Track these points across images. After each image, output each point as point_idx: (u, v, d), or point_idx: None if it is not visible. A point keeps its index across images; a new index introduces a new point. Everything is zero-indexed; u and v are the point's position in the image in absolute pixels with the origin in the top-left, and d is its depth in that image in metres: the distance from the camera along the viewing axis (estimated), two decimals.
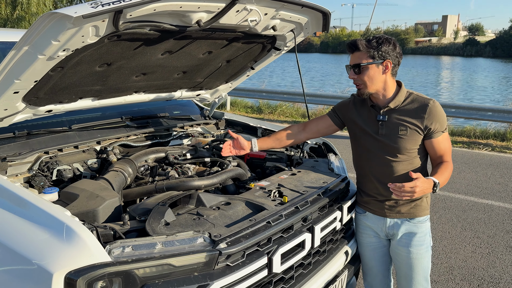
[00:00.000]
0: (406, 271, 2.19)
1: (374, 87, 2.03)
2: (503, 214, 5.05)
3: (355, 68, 2.02)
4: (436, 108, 2.02)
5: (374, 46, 1.99)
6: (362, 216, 2.30)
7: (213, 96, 3.17)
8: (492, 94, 21.45)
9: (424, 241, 2.17)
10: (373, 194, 2.18)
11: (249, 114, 12.53)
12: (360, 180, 2.28)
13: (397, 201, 2.11)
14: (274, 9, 2.10)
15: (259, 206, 1.92)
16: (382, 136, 2.07)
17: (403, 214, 2.14)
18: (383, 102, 2.09)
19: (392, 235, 2.20)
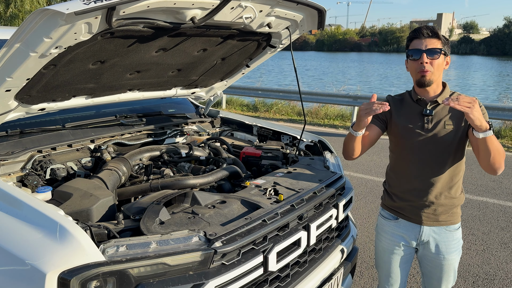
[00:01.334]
0: (439, 275, 2.16)
1: (436, 77, 1.99)
2: (498, 211, 5.08)
3: (432, 53, 1.94)
4: (479, 104, 1.95)
5: (445, 39, 2.00)
6: (392, 222, 2.19)
7: (208, 94, 3.15)
8: (487, 91, 21.54)
9: (458, 246, 2.15)
10: (412, 199, 2.10)
11: (245, 112, 12.51)
12: (397, 184, 2.16)
13: (436, 208, 2.06)
14: (269, 6, 2.08)
15: (254, 204, 1.90)
16: (428, 131, 2.01)
17: (440, 222, 2.09)
18: (431, 97, 2.05)
19: (425, 243, 2.14)
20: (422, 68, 1.95)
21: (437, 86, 2.03)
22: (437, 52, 1.94)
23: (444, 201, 2.06)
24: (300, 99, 2.56)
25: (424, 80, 1.97)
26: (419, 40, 1.97)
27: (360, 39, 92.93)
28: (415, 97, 2.08)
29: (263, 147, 2.79)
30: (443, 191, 2.06)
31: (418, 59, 1.95)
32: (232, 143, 3.03)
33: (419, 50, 1.95)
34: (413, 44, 1.99)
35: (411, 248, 2.20)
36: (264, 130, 3.15)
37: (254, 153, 2.67)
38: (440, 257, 2.12)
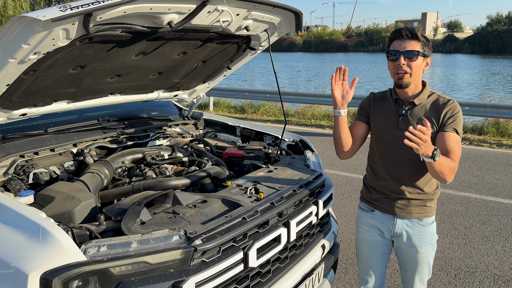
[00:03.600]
0: (413, 267, 2.23)
1: (415, 78, 2.05)
2: (480, 206, 5.20)
3: (410, 55, 1.99)
4: (455, 107, 2.06)
5: (426, 40, 2.04)
6: (369, 214, 2.27)
7: (191, 96, 3.19)
8: (471, 89, 21.88)
9: (432, 240, 2.21)
10: (385, 191, 2.18)
11: (232, 114, 12.55)
12: (372, 177, 2.25)
13: (409, 200, 2.13)
14: (245, 10, 2.14)
15: (235, 203, 1.95)
16: (401, 131, 2.05)
17: (413, 215, 2.15)
18: (409, 98, 2.11)
19: (398, 235, 2.21)
20: (399, 69, 2.01)
21: (415, 86, 2.10)
22: (415, 54, 2.00)
23: (417, 195, 2.14)
24: (280, 100, 2.62)
25: (401, 82, 2.04)
26: (399, 41, 2.02)
27: (347, 40, 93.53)
28: (394, 96, 2.15)
29: (246, 148, 2.84)
30: (416, 187, 2.13)
31: (396, 60, 2.02)
32: (215, 144, 3.08)
33: (397, 52, 2.01)
34: (393, 45, 2.05)
35: (387, 240, 2.27)
36: (247, 131, 3.20)
37: (237, 154, 2.72)
38: (413, 250, 2.18)
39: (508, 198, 5.46)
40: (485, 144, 8.58)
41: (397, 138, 2.07)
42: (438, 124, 2.06)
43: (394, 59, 2.03)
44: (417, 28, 2.08)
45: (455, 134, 2.04)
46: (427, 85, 2.16)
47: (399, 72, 2.02)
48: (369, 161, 2.29)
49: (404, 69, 2.00)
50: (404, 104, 2.11)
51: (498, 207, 5.16)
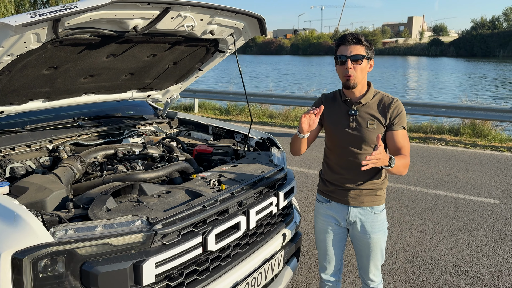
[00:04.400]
0: (367, 253, 2.44)
1: (360, 80, 2.26)
2: (449, 203, 5.44)
3: (355, 59, 2.18)
4: (399, 105, 2.30)
5: (369, 44, 2.24)
6: (325, 205, 2.45)
7: (165, 96, 3.36)
8: (455, 92, 22.33)
9: (383, 227, 2.43)
10: (339, 184, 2.37)
11: (218, 115, 12.72)
12: (328, 171, 2.42)
13: (361, 190, 2.34)
14: (209, 16, 2.31)
15: (197, 193, 2.12)
16: (353, 129, 2.27)
17: (365, 203, 2.36)
18: (356, 98, 2.32)
19: (353, 223, 2.41)
20: (346, 72, 2.21)
21: (362, 87, 2.30)
22: (360, 58, 2.20)
23: (368, 186, 2.34)
24: (246, 100, 2.79)
25: (349, 83, 2.24)
26: (345, 46, 2.22)
27: (334, 43, 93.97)
28: (343, 97, 2.35)
29: (215, 145, 3.02)
30: (366, 178, 2.33)
31: (344, 64, 2.22)
32: (188, 142, 3.24)
33: (344, 56, 2.21)
34: (340, 50, 2.25)
35: (342, 228, 2.47)
36: (218, 129, 3.37)
37: (206, 150, 2.89)
38: (367, 236, 2.38)
39: (476, 195, 5.71)
40: (461, 144, 8.87)
41: (349, 136, 2.29)
42: (386, 123, 2.27)
43: (341, 63, 2.22)
44: (361, 34, 2.29)
45: (403, 130, 2.28)
46: (372, 85, 2.37)
47: (346, 75, 2.22)
48: (325, 157, 2.49)
49: (350, 72, 2.21)
50: (352, 104, 2.31)
51: (467, 203, 5.41)
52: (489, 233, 4.52)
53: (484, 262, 3.90)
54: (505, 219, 4.88)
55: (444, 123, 10.26)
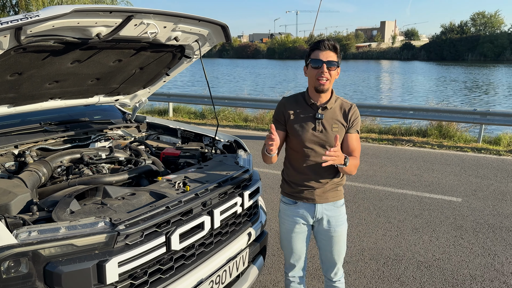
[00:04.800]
0: (333, 247, 2.57)
1: (331, 85, 2.39)
2: (414, 201, 5.65)
3: (331, 65, 2.29)
4: (357, 111, 2.47)
5: (339, 53, 2.36)
6: (292, 206, 2.54)
7: (133, 101, 3.40)
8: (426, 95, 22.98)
9: (344, 219, 2.58)
10: (306, 184, 2.47)
11: (192, 119, 12.73)
12: (294, 174, 2.49)
13: (325, 187, 2.47)
14: (172, 23, 2.39)
15: (161, 194, 2.19)
16: (319, 132, 2.38)
17: (329, 199, 2.50)
18: (322, 102, 2.43)
19: (319, 219, 2.53)
20: (321, 76, 2.31)
21: (328, 92, 2.43)
22: (335, 64, 2.32)
23: (331, 183, 2.48)
24: (212, 104, 2.88)
25: (322, 87, 2.35)
26: (321, 51, 2.32)
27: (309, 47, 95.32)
28: (308, 101, 2.45)
29: (183, 148, 3.08)
30: (330, 176, 2.47)
31: (319, 68, 2.31)
32: (156, 145, 3.30)
33: (320, 61, 2.30)
34: (315, 54, 2.34)
35: (309, 226, 2.58)
36: (187, 133, 3.44)
37: (173, 153, 2.96)
38: (331, 230, 2.52)
39: (440, 194, 5.96)
40: (428, 145, 9.19)
41: (315, 138, 2.41)
42: (347, 126, 2.43)
43: (316, 67, 2.32)
44: (314, 41, 2.41)
45: (357, 134, 2.47)
46: (334, 91, 2.49)
47: (321, 79, 2.32)
48: (288, 159, 2.58)
49: (326, 76, 2.31)
50: (318, 108, 2.42)
51: (431, 202, 5.63)
52: (450, 230, 4.73)
53: (445, 257, 4.10)
54: (466, 216, 5.12)
55: (413, 125, 10.60)
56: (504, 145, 9.14)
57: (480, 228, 4.77)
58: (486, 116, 9.09)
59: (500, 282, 3.62)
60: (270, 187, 6.10)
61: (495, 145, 9.18)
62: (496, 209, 5.36)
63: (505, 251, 4.21)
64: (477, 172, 7.05)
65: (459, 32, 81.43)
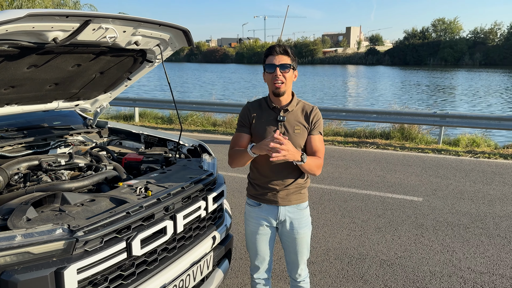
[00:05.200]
0: (295, 248, 2.61)
1: (288, 88, 2.43)
2: (377, 202, 5.82)
3: (284, 67, 2.34)
4: (319, 113, 2.52)
5: (294, 56, 2.41)
6: (257, 208, 2.57)
7: (94, 106, 3.35)
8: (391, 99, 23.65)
9: (308, 222, 2.62)
10: (270, 186, 2.51)
11: (159, 125, 12.59)
12: (258, 176, 2.53)
13: (288, 190, 2.51)
14: (132, 27, 2.38)
15: (122, 200, 2.17)
16: (281, 134, 2.39)
17: (292, 202, 2.53)
18: (283, 105, 2.47)
19: (282, 221, 2.56)
20: (276, 79, 2.37)
21: (288, 95, 2.49)
22: (288, 67, 2.38)
23: (294, 186, 2.52)
24: (175, 108, 2.87)
25: (278, 91, 2.41)
26: (273, 56, 2.39)
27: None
28: (270, 105, 2.50)
29: (146, 153, 3.06)
30: (293, 179, 2.51)
31: (273, 72, 2.38)
32: (119, 151, 3.26)
33: (273, 65, 2.37)
34: (268, 60, 2.41)
35: (273, 228, 2.62)
36: (150, 138, 3.42)
37: (135, 158, 2.93)
38: (295, 232, 2.56)
39: (402, 194, 6.16)
40: (390, 147, 9.47)
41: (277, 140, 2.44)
42: (309, 128, 2.48)
43: (270, 71, 2.39)
44: (287, 45, 2.48)
45: (320, 135, 2.51)
46: (295, 95, 2.55)
47: (276, 82, 2.38)
48: (254, 162, 2.60)
49: (280, 79, 2.37)
50: (280, 111, 2.47)
51: (393, 202, 5.81)
52: (412, 228, 4.90)
53: (407, 255, 4.24)
54: (427, 215, 5.31)
55: (376, 128, 10.91)
56: (462, 146, 9.55)
57: (440, 226, 4.97)
58: (445, 119, 9.47)
59: (457, 277, 3.78)
60: (238, 191, 6.13)
61: (454, 146, 9.58)
62: (455, 207, 5.59)
63: (463, 247, 4.40)
64: (437, 172, 7.33)
65: (421, 37, 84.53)
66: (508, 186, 6.51)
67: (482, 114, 10.01)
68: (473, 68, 65.60)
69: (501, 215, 5.30)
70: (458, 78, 44.58)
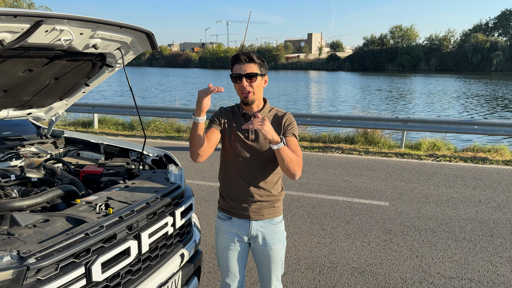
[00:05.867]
0: (268, 264, 2.46)
1: (257, 96, 2.31)
2: (345, 207, 5.80)
3: (250, 77, 2.23)
4: (291, 117, 2.42)
5: (261, 61, 2.30)
6: (227, 222, 2.42)
7: (49, 114, 3.09)
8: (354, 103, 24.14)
9: (282, 237, 2.48)
10: (241, 198, 2.36)
11: (120, 131, 12.15)
12: (228, 187, 2.41)
13: (261, 203, 2.36)
14: (90, 29, 2.18)
15: (79, 220, 1.96)
16: (252, 141, 2.31)
17: (265, 216, 2.39)
18: (254, 112, 2.35)
19: (254, 237, 2.41)
20: (243, 89, 2.26)
21: (259, 102, 2.37)
22: (254, 75, 2.26)
23: (267, 198, 2.39)
24: (138, 114, 2.68)
25: (247, 100, 2.30)
26: (239, 65, 2.27)
27: None
28: (241, 111, 2.39)
29: (106, 165, 2.84)
30: (265, 190, 2.38)
31: (239, 82, 2.26)
32: (76, 163, 3.01)
33: (239, 75, 2.25)
34: (235, 69, 2.29)
35: (244, 243, 2.47)
36: (111, 148, 3.19)
37: (95, 171, 2.71)
38: (268, 248, 2.42)
39: (369, 198, 6.18)
40: (355, 152, 9.57)
41: (248, 147, 2.33)
42: (282, 131, 2.36)
43: (237, 81, 2.27)
44: (253, 52, 2.36)
45: (294, 138, 2.38)
46: (268, 101, 2.45)
47: (244, 92, 2.27)
48: (223, 172, 2.47)
49: (248, 89, 2.26)
50: (251, 117, 2.35)
51: (361, 207, 5.81)
52: (380, 234, 4.89)
53: (377, 261, 4.21)
54: (394, 220, 5.34)
55: (341, 133, 11.01)
56: (424, 150, 9.79)
57: (408, 230, 5.00)
58: (407, 123, 9.68)
59: (428, 283, 3.78)
60: (205, 200, 5.93)
61: (416, 150, 9.80)
62: (421, 211, 5.66)
63: (431, 252, 4.43)
64: (401, 176, 7.44)
65: (380, 44, 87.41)
66: (470, 189, 6.69)
67: (442, 118, 10.34)
68: (429, 74, 68.48)
69: (465, 218, 5.41)
70: (415, 83, 46.28)
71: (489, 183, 7.05)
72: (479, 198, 6.24)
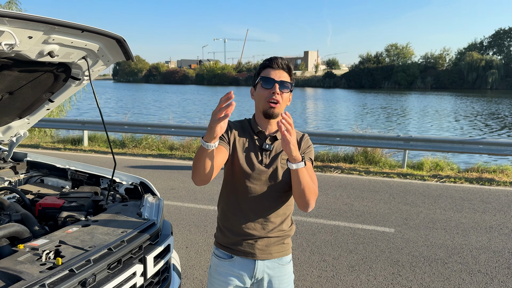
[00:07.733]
0: None
1: (281, 110, 1.90)
2: (348, 234, 5.33)
3: (285, 86, 1.88)
4: (309, 140, 2.06)
5: (293, 77, 1.97)
6: (227, 262, 1.99)
7: (7, 134, 2.64)
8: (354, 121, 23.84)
9: (290, 280, 2.06)
10: (246, 233, 1.94)
11: None
12: (230, 218, 1.98)
13: (269, 239, 1.95)
14: (41, 32, 1.75)
15: (14, 276, 1.50)
16: (266, 165, 1.92)
17: (273, 255, 1.97)
18: (271, 131, 1.96)
19: (259, 280, 1.98)
20: (272, 97, 1.86)
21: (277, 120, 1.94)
22: (288, 86, 1.90)
23: (277, 233, 1.97)
24: (105, 129, 2.24)
25: (272, 111, 1.88)
26: (274, 70, 1.90)
27: (238, 74, 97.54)
28: (255, 128, 1.96)
29: (70, 195, 2.38)
30: (276, 224, 1.96)
31: (270, 88, 1.86)
32: (37, 192, 2.55)
33: (272, 80, 1.87)
34: (266, 72, 1.90)
35: None
36: (79, 174, 2.73)
37: (54, 204, 2.24)
38: None
39: (373, 224, 5.72)
40: (355, 172, 9.13)
41: (261, 172, 1.91)
42: None
43: (267, 87, 1.87)
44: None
45: (310, 163, 1.97)
46: None
47: (271, 101, 1.87)
48: (226, 200, 2.01)
49: (277, 98, 1.86)
50: (266, 138, 1.95)
51: (364, 234, 5.35)
52: (387, 266, 4.42)
53: None
54: (401, 249, 4.87)
55: (340, 152, 10.60)
56: (426, 170, 9.37)
57: (416, 262, 4.53)
58: (409, 142, 9.28)
59: None
60: (195, 226, 5.44)
61: (418, 170, 9.38)
62: (429, 239, 5.20)
63: (444, 287, 3.96)
64: (405, 199, 6.99)
65: (375, 62, 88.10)
66: (479, 213, 6.25)
67: (445, 137, 9.92)
68: (425, 91, 68.80)
69: (478, 247, 4.95)
70: (411, 101, 46.28)
71: (498, 206, 6.62)
72: (490, 223, 5.79)
